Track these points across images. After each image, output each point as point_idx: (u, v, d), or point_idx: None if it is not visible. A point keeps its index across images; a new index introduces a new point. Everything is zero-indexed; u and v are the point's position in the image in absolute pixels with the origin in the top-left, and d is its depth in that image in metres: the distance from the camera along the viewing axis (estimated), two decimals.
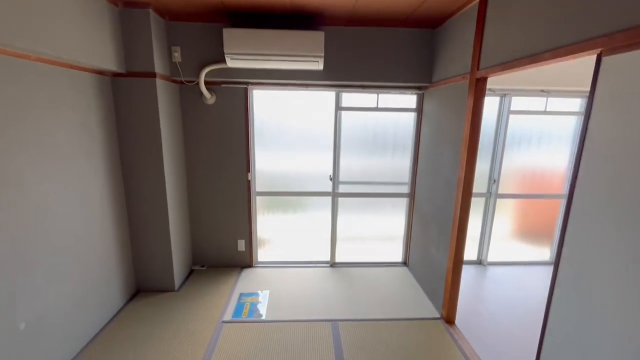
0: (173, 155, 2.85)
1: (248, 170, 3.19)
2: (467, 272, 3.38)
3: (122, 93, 2.49)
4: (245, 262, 3.43)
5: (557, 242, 3.52)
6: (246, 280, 3.16)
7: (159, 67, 2.53)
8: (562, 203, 3.50)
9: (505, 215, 3.53)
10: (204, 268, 3.38)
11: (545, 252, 3.63)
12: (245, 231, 3.34)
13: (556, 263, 1.54)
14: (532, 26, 1.66)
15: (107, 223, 2.45)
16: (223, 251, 3.39)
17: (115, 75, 2.46)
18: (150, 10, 2.38)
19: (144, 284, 2.89)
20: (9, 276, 1.64)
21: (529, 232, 3.58)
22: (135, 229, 2.76)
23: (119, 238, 2.62)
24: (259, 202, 3.37)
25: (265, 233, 3.47)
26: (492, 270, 3.45)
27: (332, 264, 3.53)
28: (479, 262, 3.60)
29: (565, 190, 3.45)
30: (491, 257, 3.59)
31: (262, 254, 3.52)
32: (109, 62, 2.26)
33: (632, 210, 1.16)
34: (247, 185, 3.23)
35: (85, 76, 2.20)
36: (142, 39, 2.41)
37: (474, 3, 2.17)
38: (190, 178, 3.19)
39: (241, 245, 3.37)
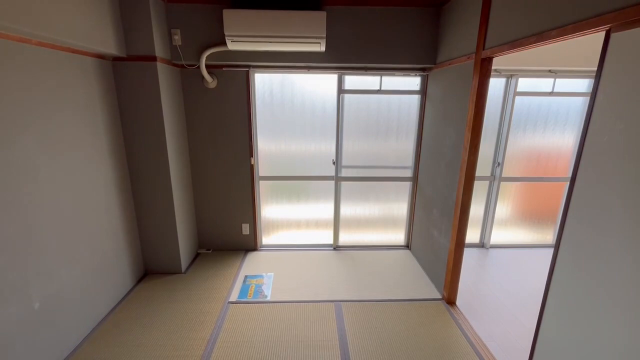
0: (176, 139, 2.86)
1: (251, 154, 3.20)
2: (469, 255, 3.41)
3: (124, 77, 2.48)
4: (249, 245, 3.48)
5: (559, 224, 3.53)
6: (251, 263, 3.22)
7: (159, 50, 2.51)
8: (567, 186, 3.48)
9: (509, 199, 3.52)
10: (209, 251, 3.45)
11: (548, 235, 3.64)
12: (250, 215, 3.38)
13: (556, 246, 1.54)
14: (538, 3, 1.61)
15: (113, 206, 2.50)
16: (228, 235, 3.44)
17: (116, 59, 2.44)
18: None
19: (152, 267, 2.97)
20: (22, 257, 1.70)
21: (532, 215, 3.58)
22: (141, 213, 2.80)
23: (126, 221, 2.67)
24: (262, 187, 3.39)
25: (269, 217, 3.51)
26: (494, 252, 3.47)
27: (335, 247, 3.58)
28: (482, 245, 3.63)
29: (570, 173, 3.42)
30: (493, 240, 3.61)
31: (266, 238, 3.58)
32: (110, 45, 2.24)
33: (636, 194, 1.16)
34: (251, 169, 3.24)
35: (87, 60, 2.19)
36: (142, 22, 2.38)
37: None
38: (194, 163, 3.21)
39: (245, 229, 3.42)
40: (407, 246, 3.61)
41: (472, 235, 3.61)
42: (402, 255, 3.42)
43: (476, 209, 3.52)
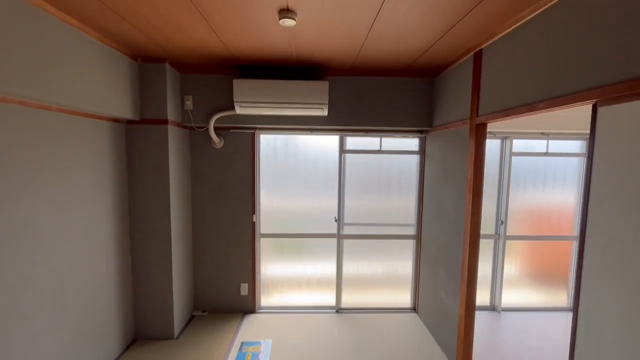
0: (180, 197, 2.89)
1: (253, 212, 3.20)
2: (480, 319, 3.21)
3: (135, 138, 2.59)
4: (248, 307, 3.31)
5: (573, 287, 3.38)
6: (248, 328, 3.02)
7: (171, 114, 2.66)
8: (574, 245, 3.41)
9: (516, 258, 3.42)
10: (205, 313, 3.26)
11: (561, 297, 3.46)
12: (249, 274, 3.26)
13: (575, 313, 1.46)
14: (526, 77, 1.74)
15: (111, 268, 2.43)
16: (225, 295, 3.29)
17: (130, 122, 2.58)
18: (167, 64, 2.56)
19: (142, 332, 2.78)
20: (7, 323, 1.60)
21: (542, 276, 3.45)
22: (137, 272, 2.71)
23: (122, 282, 2.57)
24: (263, 244, 3.33)
25: (269, 276, 3.39)
26: (507, 317, 3.27)
27: (338, 310, 3.39)
28: (492, 308, 3.43)
29: (575, 231, 3.37)
30: (505, 302, 3.42)
31: (265, 299, 3.41)
32: (126, 111, 2.38)
33: None
34: (252, 227, 3.21)
35: (102, 124, 2.31)
36: (158, 90, 2.56)
37: (468, 56, 2.30)
38: (195, 220, 3.19)
39: (244, 289, 3.27)
40: (414, 309, 3.42)
41: (482, 296, 3.44)
42: (409, 320, 3.21)
43: (483, 268, 3.40)
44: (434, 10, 1.72)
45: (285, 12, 1.72)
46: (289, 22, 1.79)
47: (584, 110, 2.84)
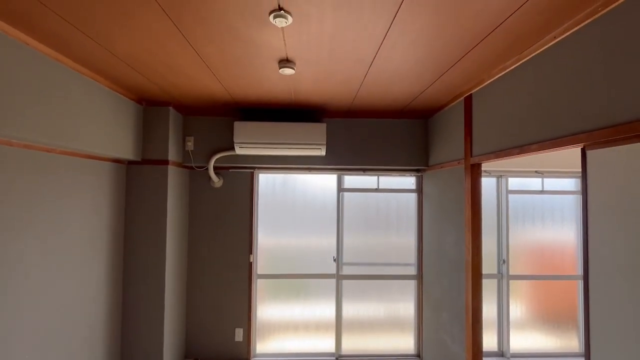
0: (177, 237, 2.85)
1: (250, 252, 3.14)
2: None
3: (135, 177, 2.62)
4: (242, 354, 3.12)
5: (582, 329, 3.24)
6: None
7: (172, 155, 2.71)
8: (579, 285, 3.32)
9: (522, 298, 3.31)
10: None
11: (572, 341, 3.30)
12: (244, 318, 3.12)
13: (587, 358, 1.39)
14: (515, 121, 1.81)
15: (100, 312, 2.32)
16: (219, 341, 3.12)
17: (131, 162, 2.62)
18: (170, 107, 2.66)
19: None
20: None
21: (550, 317, 3.31)
22: (127, 318, 2.59)
23: (110, 328, 2.45)
24: (260, 285, 3.23)
25: (265, 320, 3.24)
26: None
27: (338, 357, 3.20)
28: (501, 354, 3.25)
29: (578, 270, 3.31)
30: (513, 347, 3.25)
31: (261, 345, 3.23)
32: (128, 152, 2.43)
33: None
34: (249, 267, 3.14)
35: (103, 164, 2.34)
36: (161, 132, 2.64)
37: (459, 100, 2.42)
38: (191, 261, 3.12)
39: (239, 334, 3.11)
40: (418, 355, 3.24)
41: (489, 340, 3.27)
42: None
43: (488, 310, 3.27)
44: (423, 60, 1.83)
45: (285, 62, 1.83)
46: (288, 71, 1.90)
47: (574, 151, 2.93)
